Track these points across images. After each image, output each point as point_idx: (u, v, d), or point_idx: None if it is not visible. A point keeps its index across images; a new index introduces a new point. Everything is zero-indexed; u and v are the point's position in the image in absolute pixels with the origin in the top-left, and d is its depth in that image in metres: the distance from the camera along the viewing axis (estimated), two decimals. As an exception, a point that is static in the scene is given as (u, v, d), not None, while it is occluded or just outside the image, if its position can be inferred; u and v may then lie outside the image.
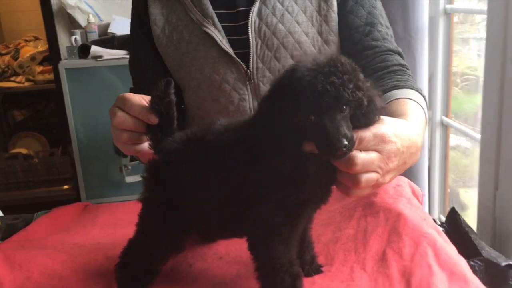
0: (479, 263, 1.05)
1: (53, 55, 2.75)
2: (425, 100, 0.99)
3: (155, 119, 0.81)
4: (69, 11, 2.65)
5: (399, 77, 1.05)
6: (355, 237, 0.94)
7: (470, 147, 2.40)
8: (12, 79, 3.69)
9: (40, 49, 3.82)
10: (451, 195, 2.27)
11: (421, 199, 1.09)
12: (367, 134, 0.70)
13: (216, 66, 1.14)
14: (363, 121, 0.69)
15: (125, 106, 0.84)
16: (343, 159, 0.67)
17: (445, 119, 2.01)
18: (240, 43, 1.14)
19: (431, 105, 2.02)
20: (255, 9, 1.13)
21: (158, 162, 0.82)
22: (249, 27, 1.13)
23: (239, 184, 0.74)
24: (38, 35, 3.99)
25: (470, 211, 2.17)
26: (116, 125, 0.85)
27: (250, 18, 1.13)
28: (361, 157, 0.68)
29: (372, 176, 0.70)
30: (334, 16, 1.14)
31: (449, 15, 2.10)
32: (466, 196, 2.38)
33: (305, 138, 0.68)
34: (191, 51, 1.16)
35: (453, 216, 1.39)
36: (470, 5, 2.24)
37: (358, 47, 1.13)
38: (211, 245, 0.98)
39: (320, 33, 1.14)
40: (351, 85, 0.65)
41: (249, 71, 1.13)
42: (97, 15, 2.74)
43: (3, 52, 3.86)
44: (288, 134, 0.67)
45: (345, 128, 0.65)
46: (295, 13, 1.13)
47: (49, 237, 1.05)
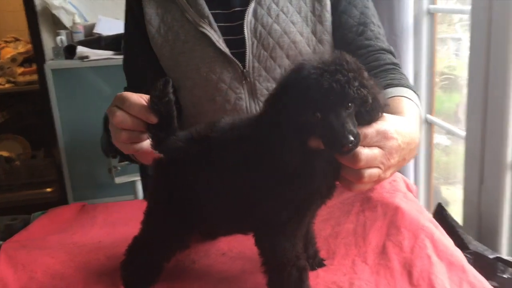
0: (468, 255, 1.08)
1: (37, 56, 2.72)
2: (419, 97, 1.02)
3: (154, 119, 0.81)
4: (54, 11, 2.63)
5: (392, 75, 1.08)
6: (355, 232, 0.96)
7: (450, 145, 2.46)
8: (-8, 80, 3.64)
9: (20, 50, 3.76)
10: (433, 192, 2.31)
11: (415, 194, 1.12)
12: (370, 130, 0.72)
13: (212, 65, 1.15)
14: (367, 118, 0.71)
15: (124, 105, 0.84)
16: (348, 155, 0.69)
17: (429, 117, 2.05)
18: (235, 43, 1.16)
19: (415, 103, 2.06)
20: (251, 9, 1.14)
21: (163, 160, 0.83)
22: (245, 27, 1.14)
23: (245, 180, 0.75)
24: (18, 36, 3.93)
25: (452, 208, 2.21)
26: (115, 124, 0.85)
27: (245, 18, 1.14)
28: (365, 153, 0.70)
29: (374, 171, 0.72)
30: (328, 16, 1.16)
31: (432, 15, 2.15)
32: (448, 193, 2.43)
33: (311, 135, 0.69)
34: (187, 51, 1.16)
35: (440, 211, 1.44)
36: (452, 6, 2.29)
37: (351, 47, 1.15)
38: (212, 242, 1.00)
39: (314, 33, 1.16)
40: (356, 83, 0.66)
41: (245, 70, 1.15)
42: (82, 16, 2.72)
43: (-17, 53, 3.81)
44: (294, 131, 0.68)
45: (351, 124, 0.66)
46: (290, 14, 1.15)
47: (49, 237, 1.05)
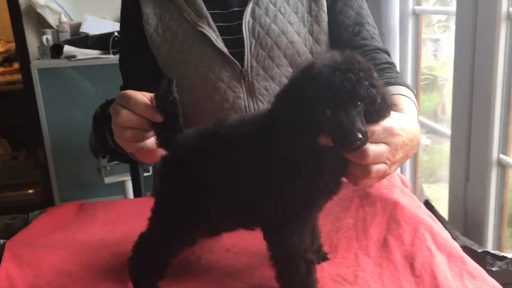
0: (458, 249, 1.12)
1: (22, 55, 2.68)
2: (415, 95, 1.05)
3: (160, 117, 0.82)
4: (39, 10, 2.60)
5: (389, 74, 1.11)
6: (355, 226, 0.99)
7: (430, 144, 2.52)
8: (-28, 81, 3.58)
9: (0, 49, 3.72)
10: (415, 190, 2.36)
11: (410, 190, 1.15)
12: (377, 127, 0.74)
13: (211, 65, 1.16)
14: (375, 117, 0.73)
15: (129, 104, 0.84)
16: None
17: (416, 115, 2.09)
18: (234, 42, 1.17)
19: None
20: (249, 9, 1.16)
21: (171, 158, 0.84)
22: (243, 27, 1.16)
23: (255, 175, 0.77)
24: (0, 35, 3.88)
25: (435, 206, 2.26)
26: (120, 123, 0.85)
27: (244, 18, 1.16)
28: (373, 149, 0.72)
29: (381, 167, 0.75)
30: (324, 16, 1.18)
31: (417, 16, 2.20)
32: (429, 191, 2.49)
33: (321, 131, 0.71)
34: (186, 50, 1.17)
35: (427, 208, 1.48)
36: (437, 7, 2.34)
37: (348, 46, 1.17)
38: (215, 238, 1.01)
39: (311, 33, 1.19)
40: (367, 82, 0.68)
41: (243, 69, 1.16)
42: (68, 15, 2.69)
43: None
44: (303, 127, 0.70)
45: (360, 123, 0.68)
46: (287, 14, 1.17)
47: (52, 235, 1.05)
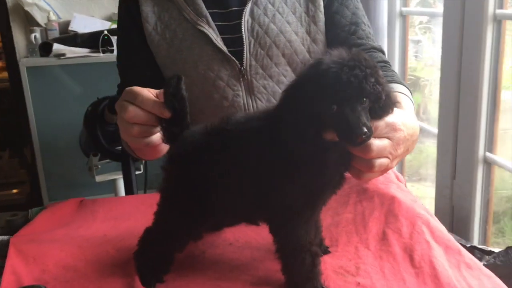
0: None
1: (8, 53, 2.66)
2: (411, 93, 1.09)
3: (168, 113, 0.83)
4: (27, 8, 2.57)
5: (385, 72, 1.14)
6: (354, 221, 1.02)
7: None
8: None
9: (-18, 47, 3.66)
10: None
11: (404, 185, 1.18)
12: (380, 122, 0.77)
13: (210, 63, 1.18)
14: (380, 113, 0.76)
15: (136, 100, 0.86)
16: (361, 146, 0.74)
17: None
18: (233, 41, 1.19)
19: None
20: (248, 9, 1.18)
21: (178, 153, 0.86)
22: (243, 26, 1.18)
23: (262, 170, 0.79)
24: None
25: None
26: (128, 119, 0.86)
27: (243, 17, 1.18)
28: (376, 143, 0.75)
29: (384, 161, 0.78)
30: (321, 16, 1.21)
31: (404, 17, 2.24)
32: (412, 190, 2.54)
33: (327, 126, 0.73)
34: (185, 49, 1.19)
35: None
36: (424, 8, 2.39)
37: (344, 45, 1.19)
38: (217, 233, 1.03)
39: (308, 33, 1.21)
40: (373, 79, 0.71)
41: (242, 68, 1.18)
42: (56, 13, 2.68)
43: None
44: (310, 121, 0.72)
45: (365, 118, 0.71)
46: (285, 14, 1.20)
47: (55, 231, 1.05)
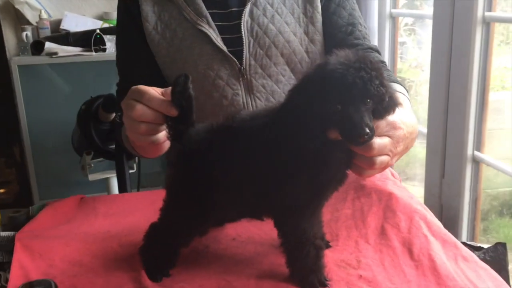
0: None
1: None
2: (408, 92, 1.12)
3: (175, 112, 0.85)
4: (17, 6, 2.56)
5: (382, 72, 1.17)
6: (353, 216, 1.05)
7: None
8: None
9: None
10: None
11: (399, 182, 1.22)
12: (381, 121, 0.80)
13: (210, 62, 1.20)
14: (382, 114, 0.78)
15: (143, 98, 0.87)
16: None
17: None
18: (232, 41, 1.21)
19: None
20: (247, 10, 1.21)
21: (185, 150, 0.87)
22: (242, 27, 1.20)
23: (268, 166, 0.81)
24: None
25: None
26: (135, 117, 0.88)
27: (243, 18, 1.20)
28: (377, 142, 0.78)
29: (384, 158, 0.81)
30: (319, 17, 1.24)
31: (394, 19, 2.28)
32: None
33: (330, 125, 0.76)
34: (185, 49, 1.21)
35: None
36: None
37: (341, 46, 1.22)
38: (220, 229, 1.05)
39: (306, 33, 1.24)
40: (377, 81, 0.73)
41: (242, 67, 1.21)
42: (47, 11, 2.67)
43: None
44: (315, 119, 0.75)
45: (368, 118, 0.74)
46: (284, 14, 1.22)
47: (60, 227, 1.06)
